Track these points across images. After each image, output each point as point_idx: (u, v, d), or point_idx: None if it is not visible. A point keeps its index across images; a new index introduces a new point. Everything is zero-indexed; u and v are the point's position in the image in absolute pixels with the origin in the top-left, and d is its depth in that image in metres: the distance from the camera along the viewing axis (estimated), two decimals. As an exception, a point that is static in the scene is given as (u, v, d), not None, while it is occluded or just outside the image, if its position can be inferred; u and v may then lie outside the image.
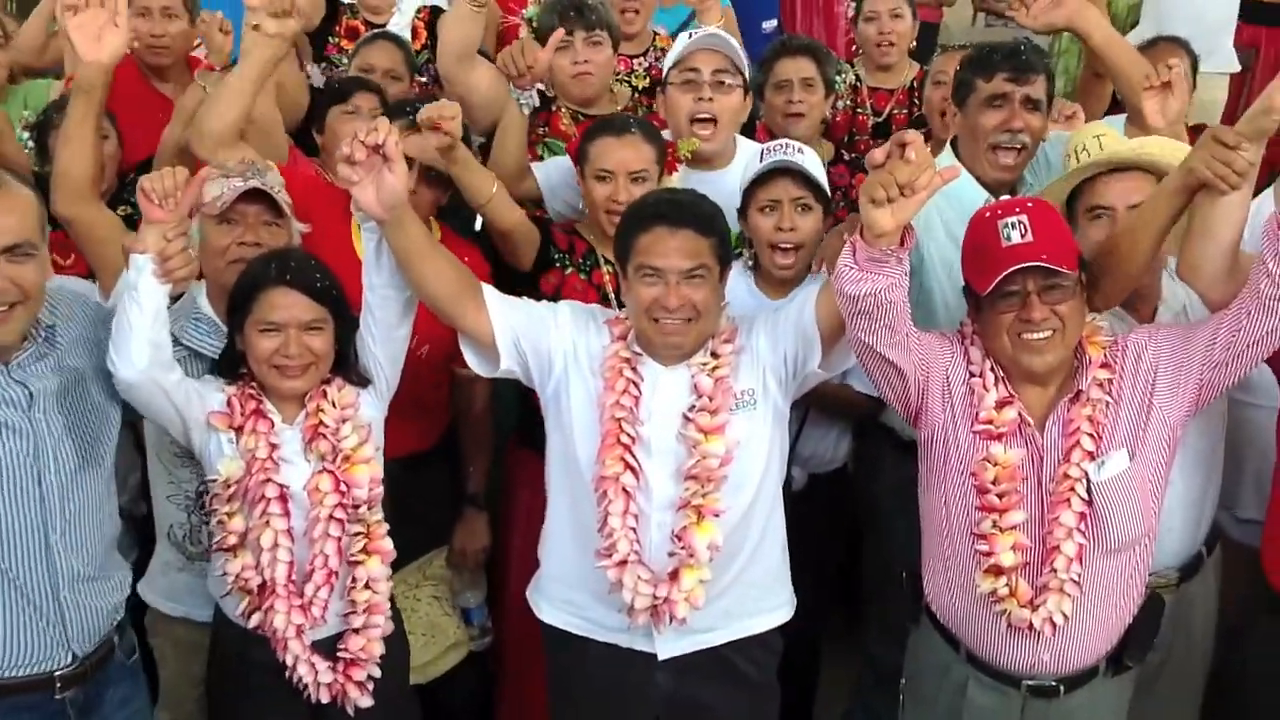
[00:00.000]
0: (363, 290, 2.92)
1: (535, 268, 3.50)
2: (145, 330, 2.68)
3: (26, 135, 3.88)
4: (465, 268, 2.98)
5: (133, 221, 3.13)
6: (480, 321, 2.90)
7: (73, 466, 2.68)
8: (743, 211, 3.44)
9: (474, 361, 2.99)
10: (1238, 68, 6.47)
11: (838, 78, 4.29)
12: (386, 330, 2.95)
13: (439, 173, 3.40)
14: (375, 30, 4.68)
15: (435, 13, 5.09)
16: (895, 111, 4.66)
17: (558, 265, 3.50)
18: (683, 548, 2.85)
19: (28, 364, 2.65)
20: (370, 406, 3.00)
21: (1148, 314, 3.08)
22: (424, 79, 4.78)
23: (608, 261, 3.46)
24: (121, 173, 3.82)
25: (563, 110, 4.01)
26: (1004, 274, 2.64)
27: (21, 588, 2.61)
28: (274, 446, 2.90)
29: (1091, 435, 2.73)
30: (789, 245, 3.36)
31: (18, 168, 3.46)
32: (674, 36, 4.66)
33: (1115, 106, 4.09)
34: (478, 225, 3.70)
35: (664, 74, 3.83)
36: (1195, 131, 4.31)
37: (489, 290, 2.94)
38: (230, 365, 2.96)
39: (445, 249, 2.99)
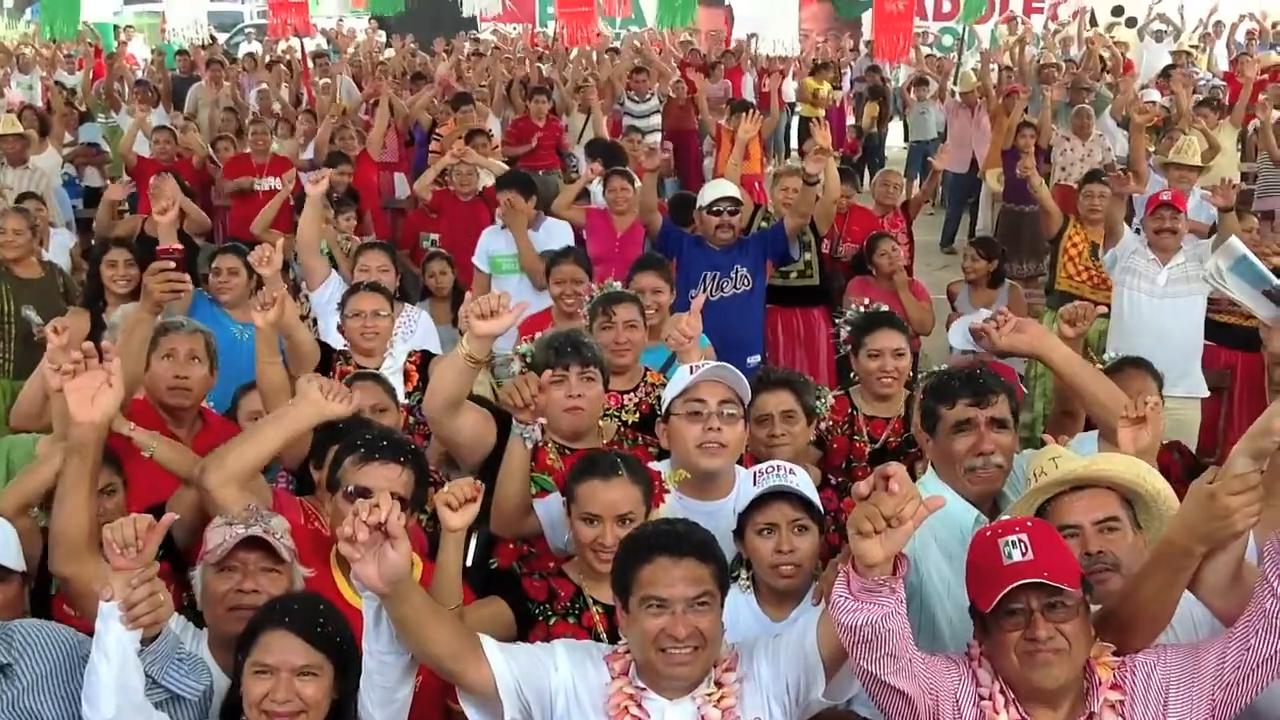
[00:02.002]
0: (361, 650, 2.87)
1: (519, 629, 3.40)
2: (113, 678, 2.64)
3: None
4: (462, 623, 2.94)
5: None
6: (483, 676, 2.85)
7: None
8: (739, 534, 3.45)
9: (475, 715, 2.91)
10: (1206, 393, 6.65)
11: (818, 403, 4.39)
12: (385, 693, 2.87)
13: (414, 499, 3.41)
14: (356, 372, 4.82)
15: (426, 356, 5.27)
16: (890, 439, 4.73)
17: (539, 619, 3.41)
18: None
19: None
20: None
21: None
22: (414, 419, 4.88)
23: (597, 602, 3.41)
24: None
25: (549, 444, 4.04)
26: (1006, 590, 2.64)
27: None
28: None
29: (1107, 758, 2.66)
30: (789, 565, 3.37)
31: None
32: (662, 372, 4.81)
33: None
34: (468, 560, 3.67)
35: (667, 404, 3.88)
36: (1169, 450, 4.43)
37: (487, 641, 2.90)
38: (232, 712, 2.88)
39: (444, 611, 2.93)
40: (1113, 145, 11.52)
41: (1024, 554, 2.67)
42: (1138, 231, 7.08)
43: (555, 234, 7.63)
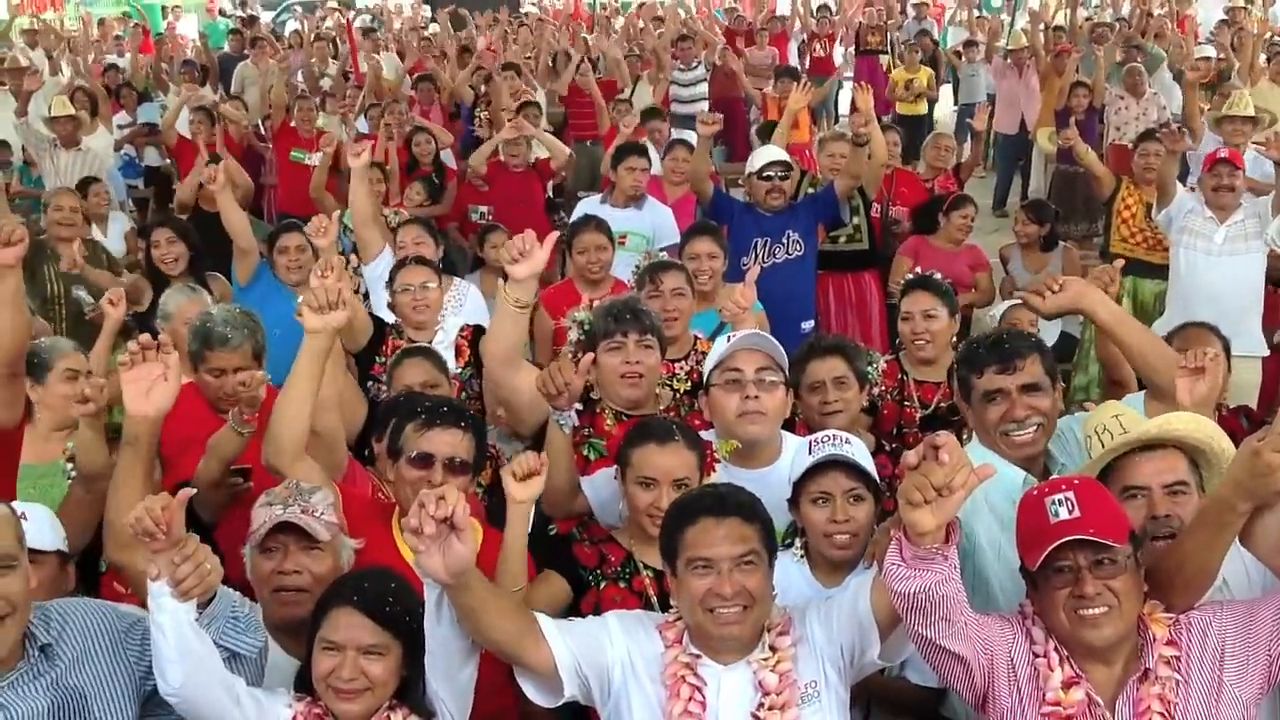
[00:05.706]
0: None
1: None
2: (174, 650, 2.66)
3: (69, 466, 3.88)
4: (522, 605, 2.96)
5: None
6: (542, 657, 2.86)
7: None
8: (794, 503, 3.44)
9: (535, 694, 2.93)
10: (1266, 351, 6.57)
11: (869, 368, 4.38)
12: (448, 673, 2.88)
13: (474, 464, 3.44)
14: (405, 348, 4.82)
15: (478, 331, 5.28)
16: (941, 404, 4.71)
17: (590, 584, 3.44)
18: None
19: (20, 684, 2.68)
20: None
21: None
22: (467, 393, 4.91)
23: (648, 567, 3.43)
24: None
25: (606, 410, 4.08)
26: (1051, 548, 2.64)
27: None
28: None
29: (1163, 714, 2.67)
30: (844, 535, 3.36)
31: None
32: (711, 339, 4.81)
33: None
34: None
35: (706, 375, 3.88)
36: (1236, 414, 4.37)
37: (544, 621, 2.90)
38: (306, 682, 2.91)
39: (505, 595, 2.94)
40: (1168, 103, 11.35)
41: (1070, 512, 2.66)
42: (1192, 190, 6.98)
43: (659, 212, 7.55)
